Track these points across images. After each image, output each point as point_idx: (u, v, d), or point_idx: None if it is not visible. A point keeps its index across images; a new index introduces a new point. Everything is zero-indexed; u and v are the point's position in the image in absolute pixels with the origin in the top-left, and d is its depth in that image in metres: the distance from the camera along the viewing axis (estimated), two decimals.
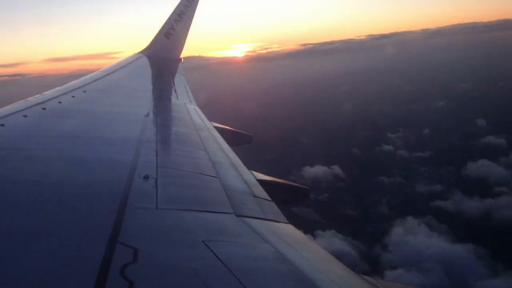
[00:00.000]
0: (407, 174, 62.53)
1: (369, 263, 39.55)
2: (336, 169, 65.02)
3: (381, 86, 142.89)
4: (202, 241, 2.80)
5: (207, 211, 3.54)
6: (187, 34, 16.31)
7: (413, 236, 41.96)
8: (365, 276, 3.15)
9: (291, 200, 6.02)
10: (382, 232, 44.74)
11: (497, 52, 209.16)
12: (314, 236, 44.30)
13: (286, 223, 3.86)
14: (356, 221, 48.90)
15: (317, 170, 65.52)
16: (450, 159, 64.31)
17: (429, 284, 33.70)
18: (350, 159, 69.10)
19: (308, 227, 46.06)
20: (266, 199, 4.34)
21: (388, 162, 68.14)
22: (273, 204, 4.28)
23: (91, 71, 10.71)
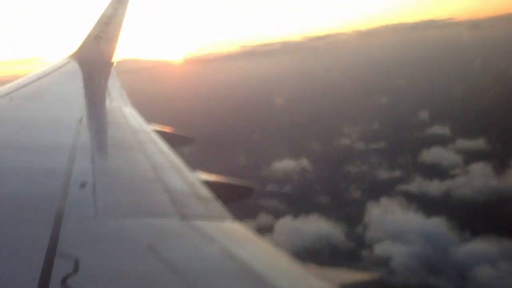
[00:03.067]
0: (367, 163, 68.31)
1: (355, 242, 44.34)
2: (304, 162, 69.69)
3: (322, 85, 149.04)
4: (146, 246, 2.78)
5: (150, 216, 3.50)
6: (118, 36, 15.44)
7: (391, 214, 47.26)
8: (311, 267, 3.22)
9: (236, 198, 5.93)
10: (359, 214, 49.76)
11: (425, 50, 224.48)
12: (296, 222, 48.47)
13: (232, 221, 3.82)
14: (333, 207, 53.58)
15: (287, 164, 69.81)
16: (404, 148, 71.01)
17: (415, 252, 38.89)
18: (313, 153, 74.05)
19: (283, 216, 50.40)
20: (210, 199, 4.26)
21: (348, 153, 73.88)
22: (217, 203, 4.19)
23: (18, 78, 10.21)
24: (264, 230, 48.86)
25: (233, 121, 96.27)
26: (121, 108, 8.69)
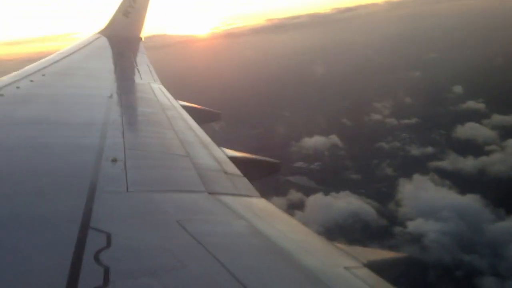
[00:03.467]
0: (399, 139, 67.45)
1: (387, 218, 44.26)
2: (334, 138, 69.31)
3: (353, 58, 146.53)
4: (176, 221, 2.81)
5: (179, 191, 3.54)
6: (146, 11, 15.75)
7: (424, 190, 46.87)
8: (339, 245, 3.23)
9: (263, 174, 6.02)
10: (392, 190, 49.53)
11: (459, 21, 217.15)
12: (327, 198, 48.66)
13: (259, 197, 3.88)
14: (364, 183, 53.45)
15: (316, 141, 69.58)
16: (437, 124, 69.66)
17: (449, 229, 38.70)
18: (343, 129, 73.43)
19: (314, 193, 50.56)
20: (238, 175, 4.35)
21: (379, 129, 72.89)
22: (245, 179, 4.28)
23: (50, 54, 10.48)
24: (295, 207, 49.40)
25: (261, 97, 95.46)
26: (150, 83, 8.82)
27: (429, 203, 43.96)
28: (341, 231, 42.55)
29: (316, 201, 48.95)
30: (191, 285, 2.15)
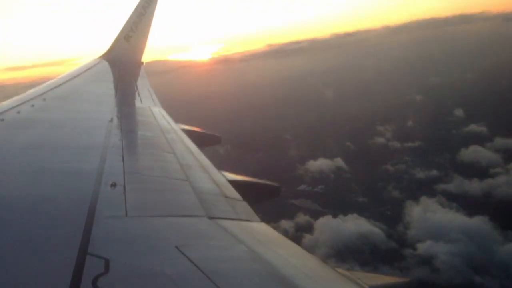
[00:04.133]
0: (404, 162, 68.20)
1: (395, 240, 44.65)
2: (339, 161, 70.02)
3: (354, 83, 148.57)
4: (175, 246, 2.81)
5: (179, 216, 3.55)
6: (147, 35, 15.93)
7: (432, 213, 47.42)
8: (339, 270, 3.23)
9: (263, 198, 6.02)
10: (399, 213, 50.02)
11: (458, 45, 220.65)
12: (335, 221, 49.02)
13: (259, 222, 3.89)
14: (371, 206, 53.92)
15: (321, 163, 70.25)
16: (440, 147, 70.59)
17: (459, 250, 39.07)
18: (348, 152, 74.27)
19: (322, 216, 50.95)
20: (238, 199, 4.35)
21: (383, 152, 73.85)
22: (245, 203, 4.29)
23: (52, 79, 10.54)
24: (303, 229, 49.82)
25: (263, 121, 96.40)
26: (151, 107, 8.92)
27: (437, 225, 44.44)
28: (351, 254, 42.97)
29: (325, 223, 49.38)
30: None
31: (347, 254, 42.93)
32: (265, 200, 6.15)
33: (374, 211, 52.18)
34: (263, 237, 3.50)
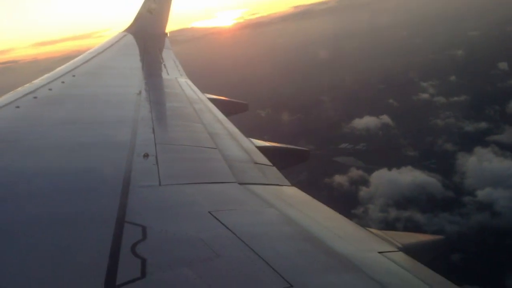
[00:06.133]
0: (451, 116, 68.69)
1: (452, 190, 46.13)
2: (385, 118, 70.81)
3: (390, 41, 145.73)
4: (208, 212, 2.90)
5: (210, 183, 3.65)
6: (170, 6, 15.95)
7: (488, 162, 48.51)
8: (371, 229, 3.31)
9: (292, 163, 6.08)
10: (452, 164, 51.37)
11: None
12: (390, 173, 50.47)
13: (289, 186, 3.96)
14: (423, 159, 55.09)
15: (368, 121, 71.17)
16: (487, 100, 70.31)
17: None
18: (393, 109, 74.56)
19: (376, 170, 52.33)
20: (267, 165, 4.43)
21: (429, 108, 74.13)
22: (274, 168, 4.37)
23: (81, 52, 10.89)
24: (358, 183, 51.54)
25: (296, 84, 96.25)
26: (177, 78, 9.09)
27: (494, 173, 45.58)
28: (409, 203, 44.58)
29: (380, 176, 50.96)
30: (226, 275, 2.22)
31: (406, 204, 44.57)
32: (295, 165, 6.26)
33: (427, 163, 53.39)
34: (294, 200, 3.58)
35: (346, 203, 43.70)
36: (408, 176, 49.53)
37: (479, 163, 48.62)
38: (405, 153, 58.90)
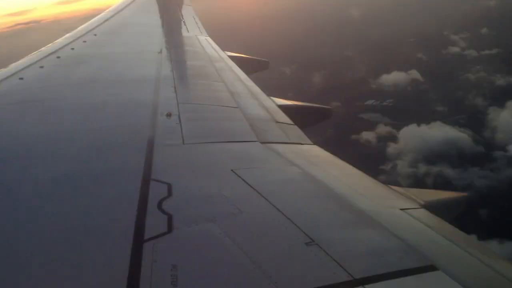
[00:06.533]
0: (482, 70, 67.00)
1: (483, 145, 45.91)
2: (414, 73, 69.56)
3: None
4: (231, 170, 2.95)
5: (232, 141, 3.67)
6: None
7: None
8: (393, 187, 3.32)
9: (314, 121, 6.02)
10: (483, 119, 50.95)
11: None
12: (419, 129, 50.26)
13: (311, 144, 3.95)
14: (453, 114, 54.50)
15: (396, 77, 69.95)
16: None
17: None
18: (422, 64, 73.08)
19: (405, 125, 51.93)
20: (288, 123, 4.42)
21: (459, 62, 72.50)
22: (296, 127, 4.36)
23: (102, 10, 10.98)
24: (386, 139, 51.57)
25: (325, 41, 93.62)
26: (197, 36, 9.08)
27: None
28: (439, 158, 44.63)
29: (409, 132, 50.77)
30: (249, 230, 2.26)
31: (435, 159, 44.62)
32: (317, 123, 6.20)
33: (457, 119, 52.95)
34: (315, 158, 3.59)
35: (374, 159, 43.94)
36: (438, 132, 49.28)
37: (511, 117, 47.94)
38: (435, 108, 58.24)
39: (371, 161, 43.50)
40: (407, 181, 40.57)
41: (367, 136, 53.09)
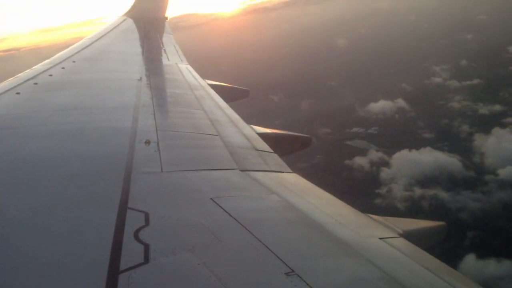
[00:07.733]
0: (466, 100, 69.50)
1: (473, 169, 47.56)
2: (400, 101, 71.74)
3: (398, 26, 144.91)
4: (210, 198, 2.91)
5: (211, 169, 3.66)
6: None
7: (507, 142, 49.94)
8: (372, 215, 3.31)
9: (294, 149, 6.06)
10: (471, 145, 52.75)
11: None
12: (410, 154, 51.88)
13: (290, 172, 3.98)
14: (441, 141, 56.33)
15: (383, 105, 71.96)
16: (500, 84, 71.13)
17: None
18: (406, 93, 75.37)
19: (397, 151, 53.49)
20: (268, 152, 4.43)
21: (442, 91, 75.09)
22: (275, 155, 4.36)
23: (78, 39, 10.88)
24: (379, 164, 52.91)
25: (303, 70, 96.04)
26: (178, 64, 9.04)
27: None
28: (432, 182, 46.00)
29: (401, 157, 51.96)
30: (228, 260, 2.25)
31: (429, 182, 45.89)
32: (296, 151, 6.24)
33: (444, 145, 54.65)
34: (295, 187, 3.61)
35: (369, 183, 45.30)
36: (429, 157, 50.72)
37: (498, 143, 49.98)
38: (422, 135, 60.02)
39: (366, 186, 45.01)
40: (404, 204, 41.91)
41: (360, 161, 54.30)
